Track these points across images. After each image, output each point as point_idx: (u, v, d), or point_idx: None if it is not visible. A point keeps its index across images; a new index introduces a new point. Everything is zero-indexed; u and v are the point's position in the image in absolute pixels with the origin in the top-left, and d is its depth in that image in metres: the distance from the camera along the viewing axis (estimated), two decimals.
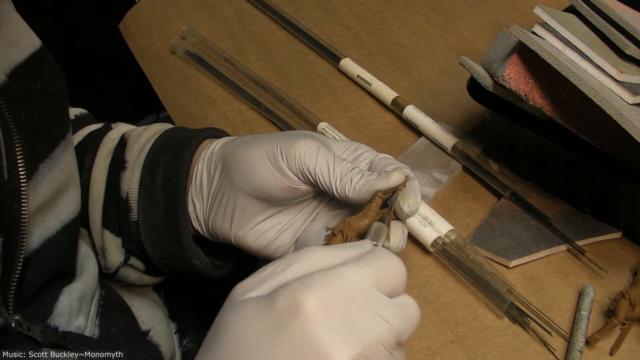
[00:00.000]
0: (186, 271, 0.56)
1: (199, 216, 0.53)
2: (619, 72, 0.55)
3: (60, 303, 0.49)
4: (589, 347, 0.52)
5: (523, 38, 0.55)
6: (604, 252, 0.58)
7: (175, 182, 0.54)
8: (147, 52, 0.84)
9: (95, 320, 0.54)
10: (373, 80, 0.73)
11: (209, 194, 0.53)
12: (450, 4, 0.85)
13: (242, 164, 0.50)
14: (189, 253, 0.54)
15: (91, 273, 0.54)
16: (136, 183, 0.55)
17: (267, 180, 0.48)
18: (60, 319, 0.50)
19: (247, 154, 0.49)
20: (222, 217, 0.51)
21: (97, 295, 0.56)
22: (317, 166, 0.47)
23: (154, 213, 0.54)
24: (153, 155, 0.55)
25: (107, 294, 0.57)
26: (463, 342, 0.54)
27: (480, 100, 0.60)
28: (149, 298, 0.64)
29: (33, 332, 0.46)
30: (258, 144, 0.49)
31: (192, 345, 0.62)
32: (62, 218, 0.49)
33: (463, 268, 0.56)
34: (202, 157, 0.54)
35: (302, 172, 0.47)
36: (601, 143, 0.55)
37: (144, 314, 0.60)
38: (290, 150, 0.47)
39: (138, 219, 0.55)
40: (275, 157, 0.48)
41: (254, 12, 0.86)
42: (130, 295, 0.61)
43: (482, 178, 0.64)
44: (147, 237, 0.55)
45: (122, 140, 0.58)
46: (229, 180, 0.50)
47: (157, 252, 0.56)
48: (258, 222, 0.50)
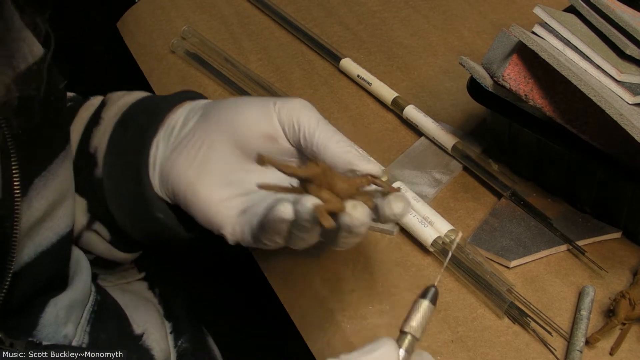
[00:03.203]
0: (154, 232, 0.54)
1: (157, 160, 0.51)
2: (619, 72, 0.55)
3: (46, 314, 0.48)
4: (589, 347, 0.52)
5: (523, 38, 0.55)
6: (604, 252, 0.58)
7: (143, 133, 0.51)
8: (146, 51, 0.84)
9: (85, 328, 0.53)
10: (373, 80, 0.73)
11: (178, 136, 0.50)
12: (450, 4, 0.85)
13: (230, 107, 0.49)
14: (151, 206, 0.52)
15: (83, 280, 0.53)
16: (107, 138, 0.53)
17: (249, 121, 0.47)
18: (47, 330, 0.48)
19: (238, 99, 0.49)
20: (185, 158, 0.49)
21: (92, 301, 0.55)
22: (308, 117, 0.46)
23: (118, 167, 0.52)
24: (129, 112, 0.53)
25: (102, 299, 0.56)
26: (463, 341, 0.54)
27: (480, 100, 0.60)
28: (143, 298, 0.63)
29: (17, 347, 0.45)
30: (253, 97, 0.49)
31: (188, 345, 0.61)
32: (57, 230, 0.48)
33: (463, 268, 0.56)
34: (183, 107, 0.52)
35: (289, 121, 0.46)
36: (601, 143, 0.55)
37: (138, 315, 0.59)
38: (286, 102, 0.47)
39: (103, 175, 0.53)
40: (267, 105, 0.47)
41: (254, 12, 0.86)
42: (124, 296, 0.60)
43: (482, 178, 0.64)
44: (110, 193, 0.53)
45: (103, 101, 0.57)
46: (207, 124, 0.49)
47: (120, 209, 0.53)
48: (218, 172, 0.48)
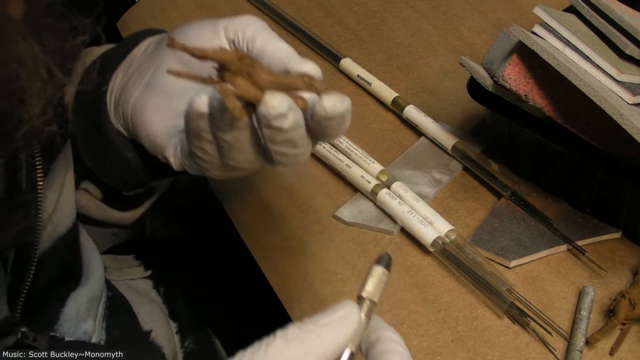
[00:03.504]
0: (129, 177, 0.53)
1: (114, 89, 0.50)
2: (619, 72, 0.55)
3: (67, 308, 0.49)
4: (589, 347, 0.52)
5: (523, 38, 0.55)
6: (604, 252, 0.59)
7: (105, 69, 0.50)
8: None
9: (102, 324, 0.53)
10: (373, 80, 0.73)
11: (139, 65, 0.50)
12: (450, 4, 0.85)
13: (181, 30, 0.48)
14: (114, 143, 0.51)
15: (98, 274, 0.54)
16: (74, 90, 0.52)
17: (196, 38, 0.46)
18: (68, 325, 0.49)
19: (191, 23, 0.48)
20: (134, 81, 0.48)
21: (104, 296, 0.55)
22: (252, 29, 0.45)
23: (84, 115, 0.51)
24: (97, 60, 0.53)
25: (113, 295, 0.57)
26: (463, 341, 0.54)
27: (480, 100, 0.60)
28: (148, 297, 0.63)
29: (39, 342, 0.45)
30: (205, 19, 0.48)
31: (194, 347, 0.62)
32: (70, 213, 0.48)
33: (463, 268, 0.56)
34: (144, 41, 0.52)
35: (235, 36, 0.45)
36: (601, 143, 0.55)
37: (144, 313, 0.59)
38: (234, 18, 0.46)
39: (73, 128, 0.52)
40: (215, 24, 0.46)
41: (254, 12, 0.86)
42: (130, 293, 0.60)
43: (482, 178, 0.64)
44: (80, 142, 0.52)
45: None
46: (160, 48, 0.49)
47: (90, 155, 0.53)
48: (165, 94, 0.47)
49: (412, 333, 0.54)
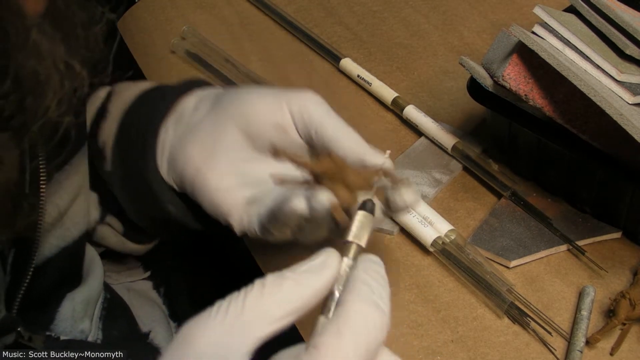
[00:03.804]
0: (166, 224, 0.53)
1: (166, 145, 0.50)
2: (619, 72, 0.55)
3: (62, 308, 0.49)
4: (589, 347, 0.52)
5: (523, 38, 0.55)
6: (604, 252, 0.58)
7: (151, 121, 0.50)
8: (147, 51, 0.84)
9: (98, 324, 0.53)
10: (373, 80, 0.73)
11: (190, 122, 0.49)
12: (450, 4, 0.85)
13: (242, 96, 0.48)
14: (161, 197, 0.51)
15: (97, 277, 0.54)
16: (114, 132, 0.52)
17: (260, 111, 0.46)
18: (64, 325, 0.49)
19: (250, 90, 0.48)
20: (195, 143, 0.48)
21: (102, 298, 0.55)
22: (318, 111, 0.45)
23: (125, 160, 0.51)
24: (136, 104, 0.52)
25: (111, 297, 0.57)
26: (463, 341, 0.54)
27: (480, 100, 0.60)
28: (148, 298, 0.63)
29: (34, 342, 0.45)
30: (265, 88, 0.48)
31: None
32: (78, 225, 0.48)
33: (463, 268, 0.56)
34: (193, 95, 0.51)
35: (299, 113, 0.46)
36: (601, 143, 0.55)
37: (143, 314, 0.59)
38: (297, 94, 0.46)
39: (112, 168, 0.52)
40: (278, 96, 0.46)
41: (254, 12, 0.86)
42: (130, 294, 0.61)
43: (482, 178, 0.64)
44: (119, 187, 0.52)
45: (109, 93, 0.56)
46: (219, 112, 0.48)
47: (131, 204, 0.53)
48: (228, 159, 0.47)
49: (412, 333, 0.54)
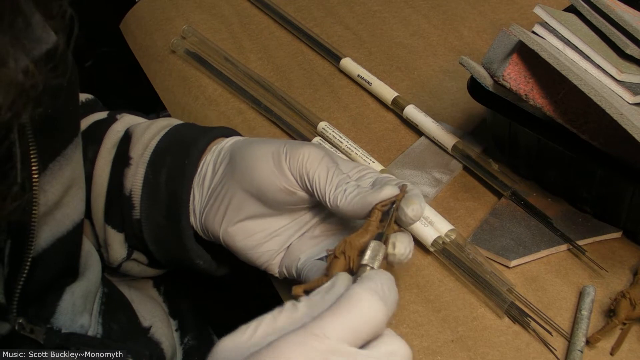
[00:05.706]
0: (190, 268, 0.56)
1: (196, 209, 0.53)
2: (619, 71, 0.55)
3: (63, 302, 0.49)
4: (590, 347, 0.52)
5: (523, 38, 0.55)
6: (604, 251, 0.58)
7: (179, 182, 0.53)
8: (148, 51, 0.84)
9: (98, 318, 0.54)
10: (373, 80, 0.73)
11: (210, 186, 0.52)
12: (450, 4, 0.85)
13: (247, 159, 0.50)
14: (191, 254, 0.54)
15: (94, 271, 0.54)
16: (140, 181, 0.54)
17: (266, 178, 0.48)
18: (64, 318, 0.49)
19: (253, 151, 0.50)
20: (216, 211, 0.51)
21: (100, 292, 0.55)
22: (317, 172, 0.46)
23: (156, 212, 0.54)
24: (158, 152, 0.55)
25: (110, 291, 0.57)
26: (463, 341, 0.54)
27: (481, 100, 0.60)
28: (148, 295, 0.64)
29: (36, 334, 0.46)
30: (267, 143, 0.49)
31: (194, 343, 0.62)
32: (72, 217, 0.49)
33: (463, 268, 0.56)
34: (212, 151, 0.53)
35: (300, 176, 0.47)
36: (601, 143, 0.55)
37: (144, 309, 0.60)
38: (295, 152, 0.47)
39: (141, 217, 0.54)
40: (279, 156, 0.48)
41: (254, 11, 0.86)
42: (130, 290, 0.61)
43: (483, 178, 0.64)
44: (149, 235, 0.55)
45: (126, 134, 0.57)
46: (231, 175, 0.50)
47: (160, 250, 0.55)
48: (249, 220, 0.50)
49: (412, 333, 0.54)
